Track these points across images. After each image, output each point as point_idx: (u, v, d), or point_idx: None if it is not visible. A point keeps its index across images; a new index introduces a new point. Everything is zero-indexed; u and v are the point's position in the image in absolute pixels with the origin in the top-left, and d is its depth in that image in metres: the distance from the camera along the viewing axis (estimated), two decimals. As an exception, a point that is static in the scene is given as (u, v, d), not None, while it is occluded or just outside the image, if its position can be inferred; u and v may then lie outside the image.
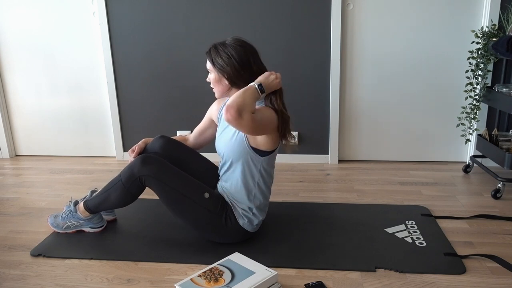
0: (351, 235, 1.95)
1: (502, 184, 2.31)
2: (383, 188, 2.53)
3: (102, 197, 1.89)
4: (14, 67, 3.19)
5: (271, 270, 1.55)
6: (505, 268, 1.66)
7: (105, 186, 1.90)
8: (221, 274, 1.53)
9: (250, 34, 2.84)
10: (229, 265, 1.59)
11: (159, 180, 1.74)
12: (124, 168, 1.82)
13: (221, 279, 1.51)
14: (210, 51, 1.76)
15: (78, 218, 1.98)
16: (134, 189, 1.79)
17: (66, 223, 2.00)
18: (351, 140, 3.01)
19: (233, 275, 1.53)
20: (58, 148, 3.34)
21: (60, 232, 2.01)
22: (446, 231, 1.97)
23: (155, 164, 1.75)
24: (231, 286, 1.47)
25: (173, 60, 2.98)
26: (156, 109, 3.09)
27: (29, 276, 1.70)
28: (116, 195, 1.83)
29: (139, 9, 2.90)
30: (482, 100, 2.59)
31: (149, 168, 1.74)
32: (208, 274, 1.54)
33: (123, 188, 1.80)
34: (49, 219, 2.04)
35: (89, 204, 1.94)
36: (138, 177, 1.75)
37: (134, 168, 1.76)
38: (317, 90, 2.90)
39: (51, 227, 2.02)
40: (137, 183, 1.77)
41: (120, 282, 1.64)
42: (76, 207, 1.98)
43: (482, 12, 2.66)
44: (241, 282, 1.48)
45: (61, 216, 2.02)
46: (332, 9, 2.72)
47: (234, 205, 1.82)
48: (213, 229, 1.79)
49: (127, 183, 1.78)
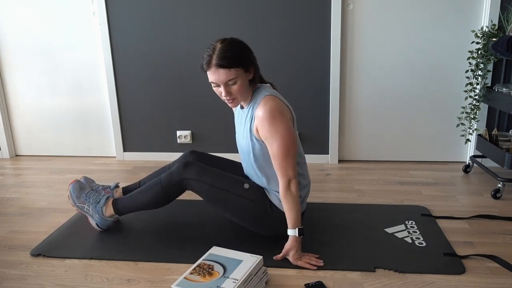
0: (351, 235, 1.95)
1: (502, 184, 2.31)
2: (383, 188, 2.53)
3: (135, 199, 1.91)
4: (14, 67, 3.19)
5: (255, 255, 1.58)
6: (505, 268, 1.66)
7: (138, 189, 1.94)
8: (212, 267, 1.53)
9: (250, 34, 2.84)
10: (214, 259, 1.59)
11: (201, 181, 1.79)
12: (164, 174, 1.86)
13: (214, 272, 1.51)
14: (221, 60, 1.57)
15: (98, 211, 1.95)
16: (173, 193, 1.84)
17: (85, 203, 1.96)
18: (351, 140, 3.01)
19: (224, 267, 1.53)
20: (58, 148, 3.34)
21: (71, 202, 1.97)
22: (446, 231, 1.97)
23: (195, 168, 1.81)
24: (228, 276, 1.47)
25: (173, 60, 2.98)
26: (156, 109, 3.10)
27: (29, 276, 1.70)
28: (152, 198, 1.87)
29: (139, 9, 2.90)
30: (482, 100, 2.59)
31: (190, 172, 1.80)
32: (199, 270, 1.53)
33: (161, 191, 1.84)
34: (74, 185, 1.98)
35: (119, 205, 1.94)
36: (179, 181, 1.81)
37: (175, 173, 1.81)
38: (317, 90, 2.90)
39: (69, 192, 1.97)
40: (177, 187, 1.82)
41: (120, 282, 1.64)
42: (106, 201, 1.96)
43: (482, 12, 2.66)
44: (236, 270, 1.50)
45: (86, 193, 1.97)
46: (332, 9, 2.72)
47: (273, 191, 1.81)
48: (260, 220, 1.80)
49: (167, 187, 1.83)
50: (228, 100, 1.66)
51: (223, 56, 1.58)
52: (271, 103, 1.63)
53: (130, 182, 2.70)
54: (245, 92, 1.67)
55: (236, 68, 1.59)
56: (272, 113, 1.62)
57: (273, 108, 1.62)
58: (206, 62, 1.61)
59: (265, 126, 1.63)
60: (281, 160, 1.65)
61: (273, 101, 1.64)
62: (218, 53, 1.59)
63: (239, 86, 1.62)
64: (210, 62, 1.59)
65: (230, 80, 1.60)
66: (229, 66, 1.58)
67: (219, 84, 1.62)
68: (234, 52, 1.60)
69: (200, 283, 1.45)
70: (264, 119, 1.62)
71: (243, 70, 1.62)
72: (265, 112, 1.62)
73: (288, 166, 1.65)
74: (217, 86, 1.65)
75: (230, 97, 1.64)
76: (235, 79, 1.61)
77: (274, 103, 1.64)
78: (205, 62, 1.61)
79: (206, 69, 1.62)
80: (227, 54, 1.58)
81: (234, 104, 1.69)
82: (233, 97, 1.65)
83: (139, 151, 3.20)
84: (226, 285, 1.43)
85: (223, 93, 1.63)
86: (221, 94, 1.65)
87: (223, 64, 1.57)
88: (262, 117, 1.63)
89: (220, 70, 1.58)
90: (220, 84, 1.61)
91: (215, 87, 1.65)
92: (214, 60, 1.58)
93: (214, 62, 1.58)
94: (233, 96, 1.65)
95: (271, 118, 1.62)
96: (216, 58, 1.58)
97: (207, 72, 1.63)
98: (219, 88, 1.64)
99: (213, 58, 1.59)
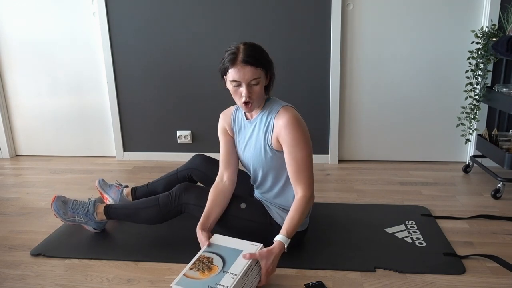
0: (351, 235, 1.95)
1: (502, 184, 2.31)
2: (383, 188, 2.53)
3: (130, 213, 1.89)
4: (14, 67, 3.19)
5: (255, 244, 1.55)
6: (505, 268, 1.66)
7: (134, 202, 1.92)
8: (211, 261, 1.52)
9: (250, 35, 2.84)
10: (214, 250, 1.57)
11: (199, 206, 1.76)
12: (163, 194, 1.85)
13: (213, 266, 1.49)
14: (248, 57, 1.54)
15: (90, 218, 1.94)
16: (169, 216, 1.83)
17: (74, 216, 1.94)
18: (351, 140, 3.01)
19: (223, 259, 1.51)
20: (58, 148, 3.34)
21: (60, 219, 1.94)
22: (446, 231, 1.97)
23: (195, 192, 1.79)
24: (227, 270, 1.46)
25: (173, 60, 2.98)
26: (156, 109, 3.10)
27: (29, 276, 1.70)
28: (148, 216, 1.85)
29: (139, 9, 2.90)
30: (482, 100, 2.59)
31: (190, 196, 1.79)
32: (199, 264, 1.51)
33: (158, 212, 1.83)
34: (56, 203, 1.93)
35: (111, 213, 1.93)
36: (178, 205, 1.80)
37: (174, 197, 1.80)
38: (317, 90, 2.90)
39: (55, 211, 1.92)
40: (175, 211, 1.81)
41: (120, 282, 1.64)
42: (95, 207, 1.94)
43: (482, 12, 2.66)
44: (234, 264, 1.48)
45: (71, 206, 1.95)
46: (332, 9, 2.72)
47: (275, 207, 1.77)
48: (260, 237, 1.72)
49: (165, 208, 1.82)
50: (246, 104, 1.60)
51: (250, 54, 1.55)
52: (294, 112, 1.63)
53: (130, 182, 2.70)
54: (261, 98, 1.64)
55: (261, 68, 1.57)
56: (298, 121, 1.61)
57: (297, 117, 1.62)
58: (231, 59, 1.55)
59: (292, 134, 1.59)
60: (306, 168, 1.62)
61: (294, 111, 1.64)
62: (245, 51, 1.55)
63: (260, 88, 1.59)
64: (236, 59, 1.55)
65: (254, 79, 1.56)
66: (256, 64, 1.55)
67: (241, 83, 1.56)
68: (260, 53, 1.59)
69: (199, 281, 1.44)
70: (291, 127, 1.59)
71: (264, 72, 1.60)
72: (291, 120, 1.59)
73: (311, 175, 1.64)
74: (237, 86, 1.58)
75: (250, 99, 1.59)
76: (258, 79, 1.57)
77: (295, 112, 1.64)
78: (229, 60, 1.56)
79: (230, 67, 1.56)
80: (254, 53, 1.56)
81: (250, 109, 1.63)
82: (252, 100, 1.60)
83: (139, 151, 3.20)
84: (225, 281, 1.41)
85: (244, 93, 1.57)
86: (240, 95, 1.59)
87: (250, 61, 1.54)
88: (288, 125, 1.59)
89: (247, 67, 1.54)
90: (243, 83, 1.56)
91: (236, 86, 1.59)
92: (241, 57, 1.54)
93: (240, 59, 1.54)
94: (252, 99, 1.59)
95: (298, 126, 1.60)
96: (242, 55, 1.55)
97: (230, 70, 1.56)
98: (240, 88, 1.58)
99: (239, 55, 1.55)
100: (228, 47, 1.62)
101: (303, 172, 1.62)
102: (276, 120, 1.63)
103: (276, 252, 1.52)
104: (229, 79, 1.59)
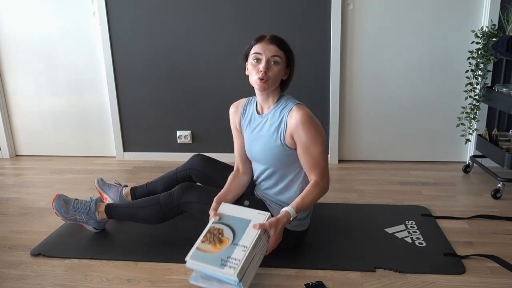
0: (351, 235, 1.95)
1: (502, 184, 2.32)
2: (383, 188, 2.53)
3: (131, 212, 1.90)
4: (14, 67, 3.19)
5: (263, 212, 1.55)
6: (505, 268, 1.66)
7: (135, 201, 1.92)
8: (221, 232, 1.52)
9: (250, 35, 2.82)
10: (224, 221, 1.57)
11: (201, 204, 1.75)
12: (164, 193, 1.85)
13: (224, 238, 1.50)
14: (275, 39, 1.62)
15: (91, 217, 1.95)
16: (170, 215, 1.83)
17: (76, 215, 1.94)
18: (351, 140, 3.01)
19: (233, 230, 1.51)
20: (58, 148, 3.34)
21: (61, 218, 1.95)
22: (446, 231, 1.97)
23: (196, 191, 1.79)
24: (237, 242, 1.46)
25: (173, 60, 2.98)
26: (156, 109, 3.10)
27: (29, 276, 1.70)
28: (148, 216, 1.86)
29: (139, 9, 2.90)
30: (482, 100, 2.59)
31: (191, 195, 1.79)
32: (209, 237, 1.52)
33: (159, 212, 1.83)
34: (57, 202, 1.94)
35: (112, 212, 1.93)
36: (179, 204, 1.80)
37: (175, 196, 1.80)
38: (317, 90, 2.90)
39: (56, 210, 1.93)
40: (176, 210, 1.81)
41: (120, 282, 1.64)
42: (96, 206, 1.94)
43: (482, 12, 2.66)
44: (244, 235, 1.48)
45: (73, 205, 1.95)
46: (332, 9, 2.72)
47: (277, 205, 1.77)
48: None
49: (166, 207, 1.82)
50: (261, 79, 1.59)
51: (278, 38, 1.63)
52: (307, 110, 1.64)
53: (130, 182, 2.70)
54: (276, 83, 1.65)
55: (285, 52, 1.63)
56: (312, 119, 1.62)
57: (310, 115, 1.63)
58: (258, 38, 1.63)
59: (308, 132, 1.60)
60: (322, 160, 1.64)
61: (307, 109, 1.65)
62: (273, 35, 1.63)
63: (278, 71, 1.61)
64: (263, 37, 1.62)
65: (275, 56, 1.60)
66: (281, 46, 1.61)
67: (262, 57, 1.59)
68: (286, 42, 1.65)
69: (211, 254, 1.45)
70: (306, 125, 1.60)
71: (286, 61, 1.64)
72: (305, 117, 1.60)
73: (327, 166, 1.66)
74: (257, 61, 1.61)
75: (266, 76, 1.59)
76: (279, 59, 1.60)
77: (308, 110, 1.65)
78: (256, 39, 1.63)
79: (255, 44, 1.63)
80: (281, 39, 1.64)
81: (264, 87, 1.60)
82: (267, 78, 1.59)
83: (139, 151, 3.21)
84: (236, 254, 1.42)
85: (262, 66, 1.58)
86: (258, 71, 1.60)
87: (276, 41, 1.61)
88: (303, 123, 1.59)
89: (272, 45, 1.60)
90: (264, 58, 1.59)
91: (255, 59, 1.61)
92: (268, 36, 1.62)
93: (267, 38, 1.62)
94: (268, 76, 1.60)
95: (313, 123, 1.61)
96: (270, 36, 1.63)
97: (255, 46, 1.62)
98: (259, 63, 1.60)
99: (267, 36, 1.62)
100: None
101: (319, 163, 1.65)
102: (289, 118, 1.63)
103: (283, 221, 1.54)
104: (251, 53, 1.63)
